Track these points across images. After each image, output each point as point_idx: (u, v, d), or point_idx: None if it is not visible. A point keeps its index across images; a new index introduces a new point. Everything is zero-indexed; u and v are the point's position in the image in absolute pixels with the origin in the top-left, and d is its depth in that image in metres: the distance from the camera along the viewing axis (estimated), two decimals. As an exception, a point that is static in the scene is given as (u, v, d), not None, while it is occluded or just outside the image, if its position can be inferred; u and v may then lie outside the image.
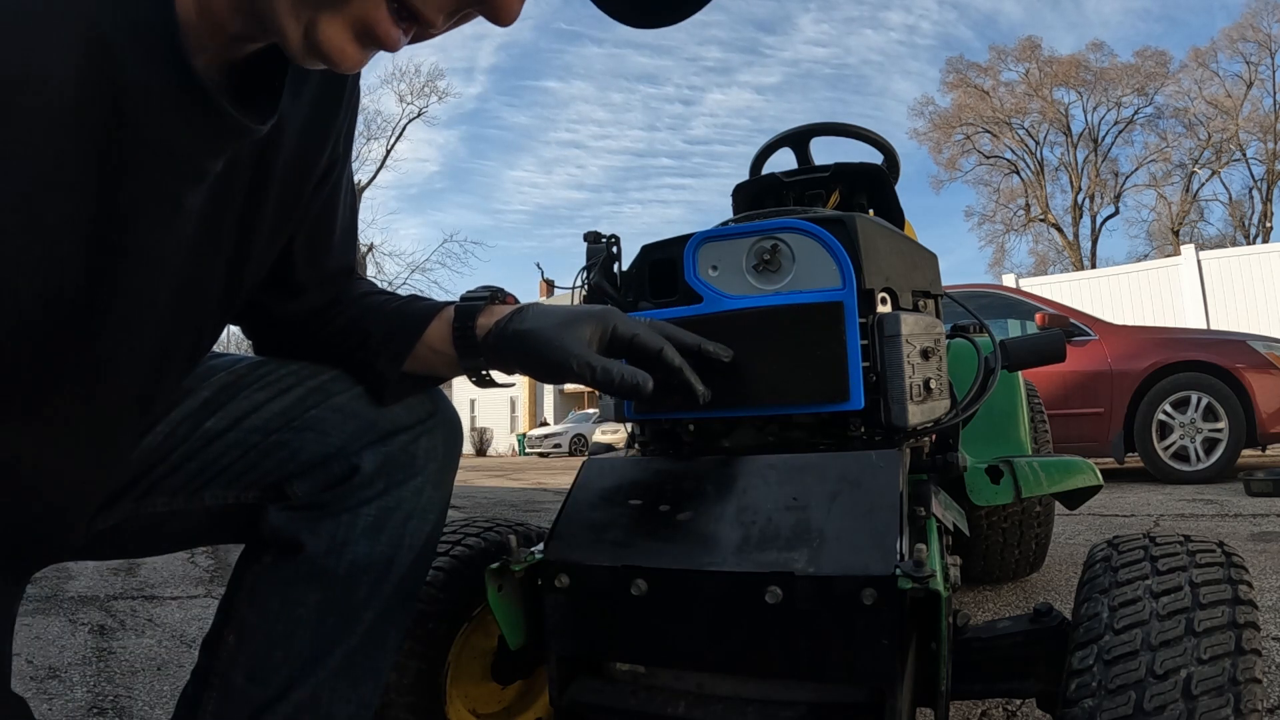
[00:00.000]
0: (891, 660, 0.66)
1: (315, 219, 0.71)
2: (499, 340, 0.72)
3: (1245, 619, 0.66)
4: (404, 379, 0.75)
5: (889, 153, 1.42)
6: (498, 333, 0.72)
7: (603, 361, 0.70)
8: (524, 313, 0.73)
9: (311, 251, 0.73)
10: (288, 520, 0.71)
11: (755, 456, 0.83)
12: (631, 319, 0.76)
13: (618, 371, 0.70)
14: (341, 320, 0.77)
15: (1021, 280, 11.79)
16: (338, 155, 0.71)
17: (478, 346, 0.73)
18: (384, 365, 0.74)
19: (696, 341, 0.79)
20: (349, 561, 0.71)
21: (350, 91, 0.70)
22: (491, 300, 0.76)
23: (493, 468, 13.74)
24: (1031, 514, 2.04)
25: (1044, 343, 1.36)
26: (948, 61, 35.26)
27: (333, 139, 0.69)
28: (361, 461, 0.72)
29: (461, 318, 0.74)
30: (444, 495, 0.78)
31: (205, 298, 0.62)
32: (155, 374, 0.60)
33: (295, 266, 0.72)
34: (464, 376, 0.76)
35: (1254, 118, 24.25)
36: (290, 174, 0.64)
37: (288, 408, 0.72)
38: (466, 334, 0.73)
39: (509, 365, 0.74)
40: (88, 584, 2.66)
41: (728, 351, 0.81)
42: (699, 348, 0.79)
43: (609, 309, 0.75)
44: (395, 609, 0.75)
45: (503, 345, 0.72)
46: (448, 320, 0.75)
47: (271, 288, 0.72)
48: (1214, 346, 5.00)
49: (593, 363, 0.70)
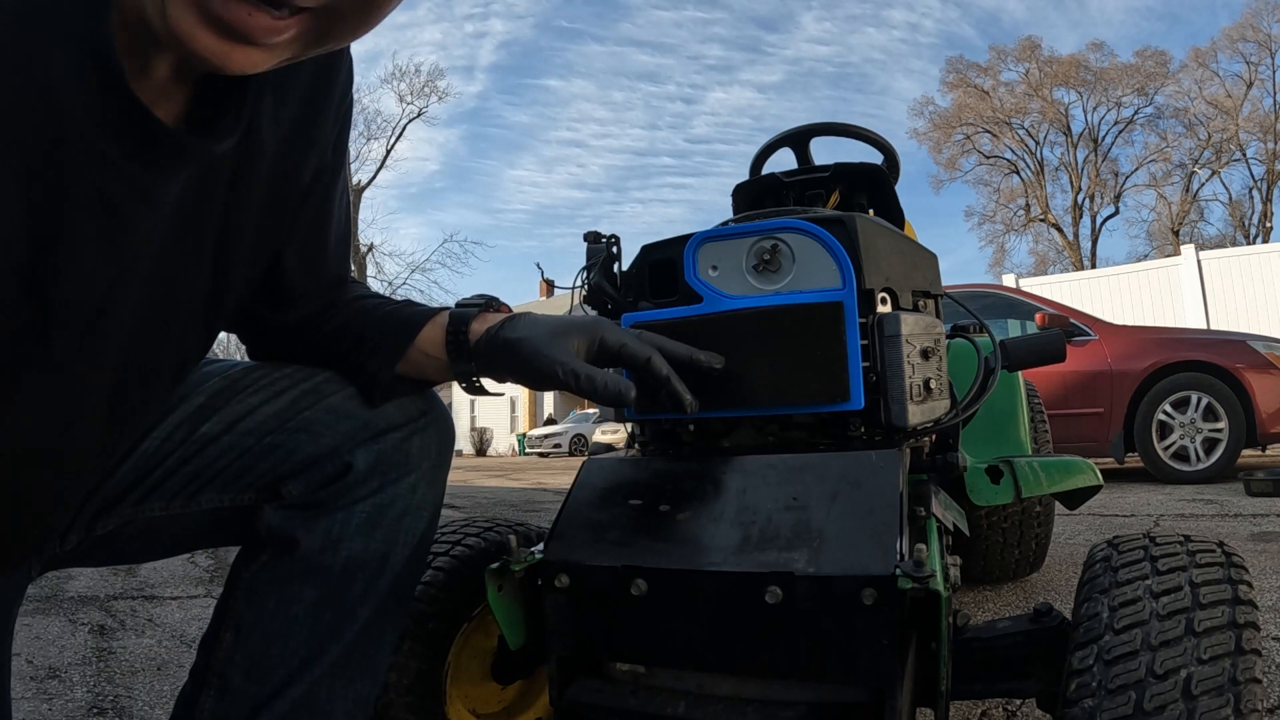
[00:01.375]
0: (891, 660, 0.66)
1: (307, 230, 0.72)
2: (490, 347, 0.73)
3: (1245, 619, 0.66)
4: (395, 381, 0.76)
5: (889, 153, 1.42)
6: (488, 339, 0.74)
7: (587, 369, 0.72)
8: (515, 321, 0.74)
9: (304, 263, 0.73)
10: (283, 519, 0.71)
11: (755, 456, 0.83)
12: (620, 330, 0.77)
13: (600, 379, 0.72)
14: (335, 323, 0.77)
15: (1021, 280, 11.78)
16: (326, 164, 0.71)
17: (469, 352, 0.74)
18: (376, 367, 0.75)
19: (688, 352, 0.81)
20: (344, 558, 0.71)
21: (340, 101, 0.70)
22: (486, 308, 0.78)
23: (493, 468, 13.74)
24: (1031, 514, 2.04)
25: (1044, 343, 1.36)
26: (948, 61, 35.32)
27: (319, 148, 0.69)
28: (355, 460, 0.72)
29: (455, 323, 0.75)
30: (438, 493, 0.79)
31: (184, 310, 0.62)
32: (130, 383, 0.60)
33: (288, 277, 0.72)
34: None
35: (1254, 118, 24.25)
36: (275, 185, 0.64)
37: (281, 410, 0.72)
38: (459, 339, 0.74)
39: (499, 372, 0.75)
40: (88, 584, 2.66)
41: (719, 359, 0.82)
42: (690, 358, 0.80)
43: (599, 319, 0.77)
44: (391, 605, 0.75)
45: (493, 352, 0.73)
46: (441, 326, 0.76)
47: (265, 299, 0.73)
48: (1214, 346, 5.00)
49: (578, 370, 0.72)
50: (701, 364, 0.81)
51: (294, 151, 0.65)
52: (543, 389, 0.76)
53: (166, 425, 0.70)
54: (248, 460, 0.71)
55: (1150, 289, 11.14)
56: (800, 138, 1.48)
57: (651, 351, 0.77)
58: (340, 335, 0.77)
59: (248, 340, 0.80)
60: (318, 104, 0.67)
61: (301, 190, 0.69)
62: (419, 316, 0.77)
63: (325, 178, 0.71)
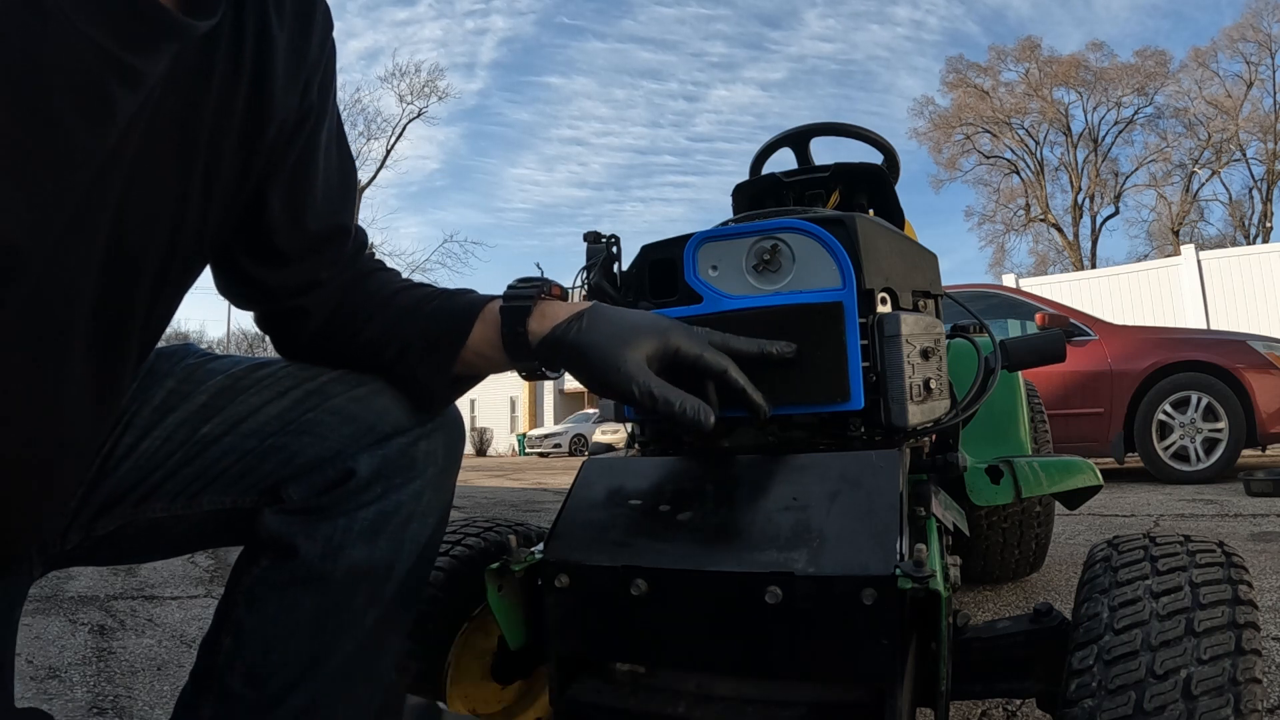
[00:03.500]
0: (891, 660, 0.66)
1: (292, 174, 0.69)
2: (555, 349, 0.71)
3: (1245, 619, 0.66)
4: (451, 384, 0.74)
5: (889, 153, 1.42)
6: (553, 341, 0.71)
7: (664, 391, 0.69)
8: (582, 321, 0.71)
9: (289, 210, 0.70)
10: (283, 524, 0.70)
11: (755, 456, 0.83)
12: (694, 336, 0.74)
13: (679, 403, 0.69)
14: (373, 330, 0.75)
15: (1021, 280, 11.80)
16: (311, 105, 0.69)
17: (531, 351, 0.72)
18: (427, 376, 0.73)
19: (758, 347, 0.78)
20: (346, 566, 0.70)
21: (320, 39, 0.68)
22: (539, 297, 0.74)
23: (493, 468, 13.74)
24: (1031, 514, 2.04)
25: (1044, 343, 1.36)
26: (947, 61, 35.33)
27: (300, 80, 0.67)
28: (357, 465, 0.70)
29: (510, 322, 0.72)
30: (445, 499, 0.77)
31: (165, 215, 0.59)
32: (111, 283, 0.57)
33: (271, 222, 0.69)
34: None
35: (1254, 118, 24.25)
36: (256, 100, 0.62)
37: (284, 411, 0.71)
38: (518, 340, 0.72)
39: (561, 369, 0.73)
40: (88, 584, 2.66)
41: (790, 346, 0.80)
42: (761, 352, 0.78)
43: (672, 323, 0.74)
44: (396, 614, 0.74)
45: (558, 354, 0.71)
46: (493, 323, 0.73)
47: (250, 248, 0.70)
48: (1214, 346, 5.00)
49: (655, 391, 0.69)
50: (774, 356, 0.78)
51: (273, 67, 0.63)
52: (609, 398, 0.73)
53: (168, 425, 0.69)
54: (249, 462, 0.70)
55: (1150, 289, 11.15)
56: (800, 138, 1.48)
57: (728, 363, 0.74)
58: (383, 343, 0.74)
59: (280, 345, 0.78)
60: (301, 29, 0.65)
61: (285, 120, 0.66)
62: (466, 314, 0.74)
63: (310, 119, 0.69)
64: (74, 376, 0.57)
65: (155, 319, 0.64)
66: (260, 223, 0.69)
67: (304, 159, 0.70)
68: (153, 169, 0.56)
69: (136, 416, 0.69)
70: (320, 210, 0.73)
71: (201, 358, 0.75)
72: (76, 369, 0.57)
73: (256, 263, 0.72)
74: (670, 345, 0.72)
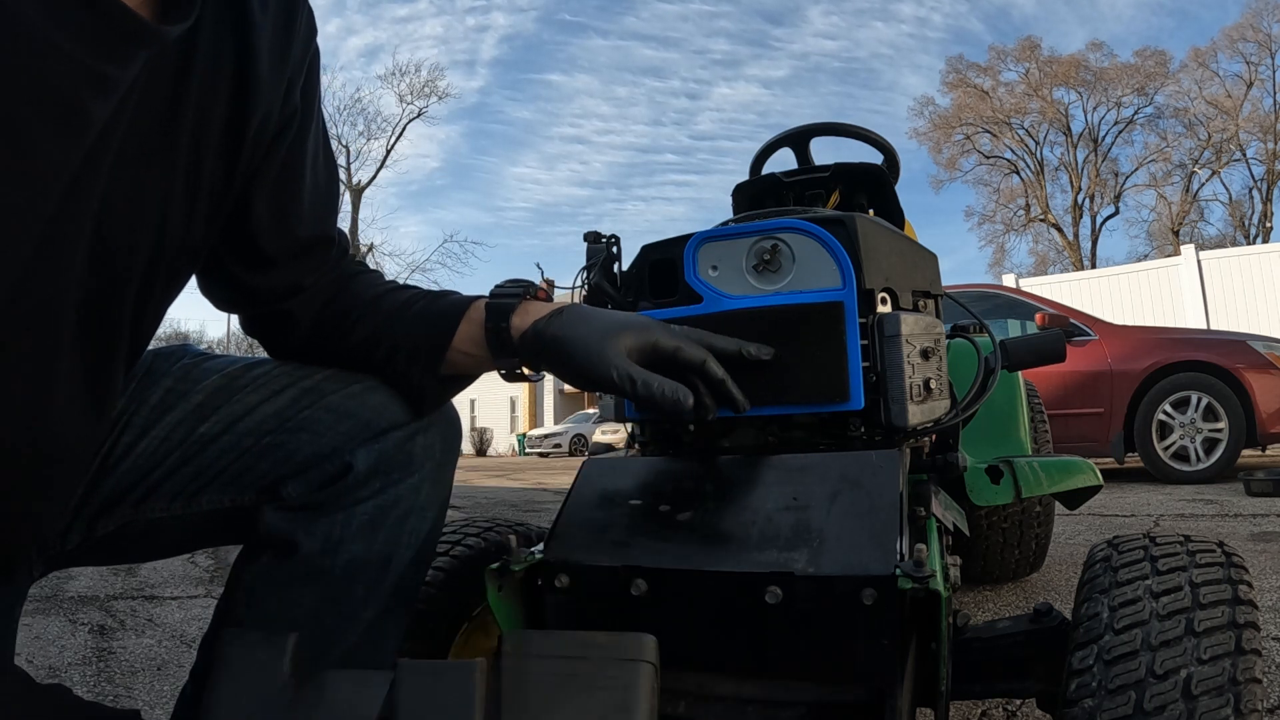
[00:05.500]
0: (891, 660, 0.66)
1: (277, 178, 0.69)
2: (535, 343, 0.71)
3: (1245, 619, 0.66)
4: (442, 384, 0.74)
5: (889, 153, 1.42)
6: (534, 335, 0.71)
7: (643, 375, 0.70)
8: (562, 316, 0.72)
9: (274, 214, 0.70)
10: (283, 520, 0.71)
11: (755, 456, 0.83)
12: (673, 330, 0.75)
13: (658, 386, 0.70)
14: (362, 332, 0.75)
15: (1021, 280, 11.79)
16: (295, 108, 0.69)
17: (513, 348, 0.72)
18: (419, 377, 0.73)
19: (737, 346, 0.79)
20: (345, 561, 0.70)
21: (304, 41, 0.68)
22: (524, 297, 0.74)
23: (493, 468, 13.74)
24: (1031, 514, 2.04)
25: (1044, 343, 1.36)
26: (947, 61, 35.35)
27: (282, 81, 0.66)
28: (355, 460, 0.71)
29: (494, 318, 0.73)
30: (443, 493, 0.78)
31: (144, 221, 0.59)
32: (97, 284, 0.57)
33: (257, 228, 0.69)
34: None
35: (1254, 118, 24.25)
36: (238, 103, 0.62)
37: (281, 409, 0.72)
38: (501, 336, 0.72)
39: (545, 367, 0.73)
40: (88, 584, 2.66)
41: (768, 350, 0.80)
42: (739, 352, 0.78)
43: (651, 320, 0.75)
44: (395, 608, 0.74)
45: (539, 349, 0.71)
46: (477, 322, 0.73)
47: (237, 252, 0.70)
48: (1214, 346, 5.00)
49: (633, 375, 0.69)
50: (751, 356, 0.79)
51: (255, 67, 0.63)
52: (590, 389, 0.73)
53: (165, 424, 0.70)
54: (247, 460, 0.71)
55: (1150, 289, 11.15)
56: (800, 138, 1.48)
57: (705, 354, 0.74)
58: (372, 345, 0.75)
59: (270, 347, 0.78)
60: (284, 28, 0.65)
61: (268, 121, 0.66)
62: (452, 313, 0.74)
63: (295, 123, 0.69)
64: (64, 376, 0.57)
65: (146, 319, 0.64)
66: (246, 226, 0.69)
67: (290, 163, 0.70)
68: (133, 171, 0.56)
69: (135, 416, 0.70)
70: (308, 217, 0.74)
71: (198, 357, 0.76)
72: (66, 369, 0.57)
73: (242, 266, 0.72)
74: (650, 338, 0.72)
